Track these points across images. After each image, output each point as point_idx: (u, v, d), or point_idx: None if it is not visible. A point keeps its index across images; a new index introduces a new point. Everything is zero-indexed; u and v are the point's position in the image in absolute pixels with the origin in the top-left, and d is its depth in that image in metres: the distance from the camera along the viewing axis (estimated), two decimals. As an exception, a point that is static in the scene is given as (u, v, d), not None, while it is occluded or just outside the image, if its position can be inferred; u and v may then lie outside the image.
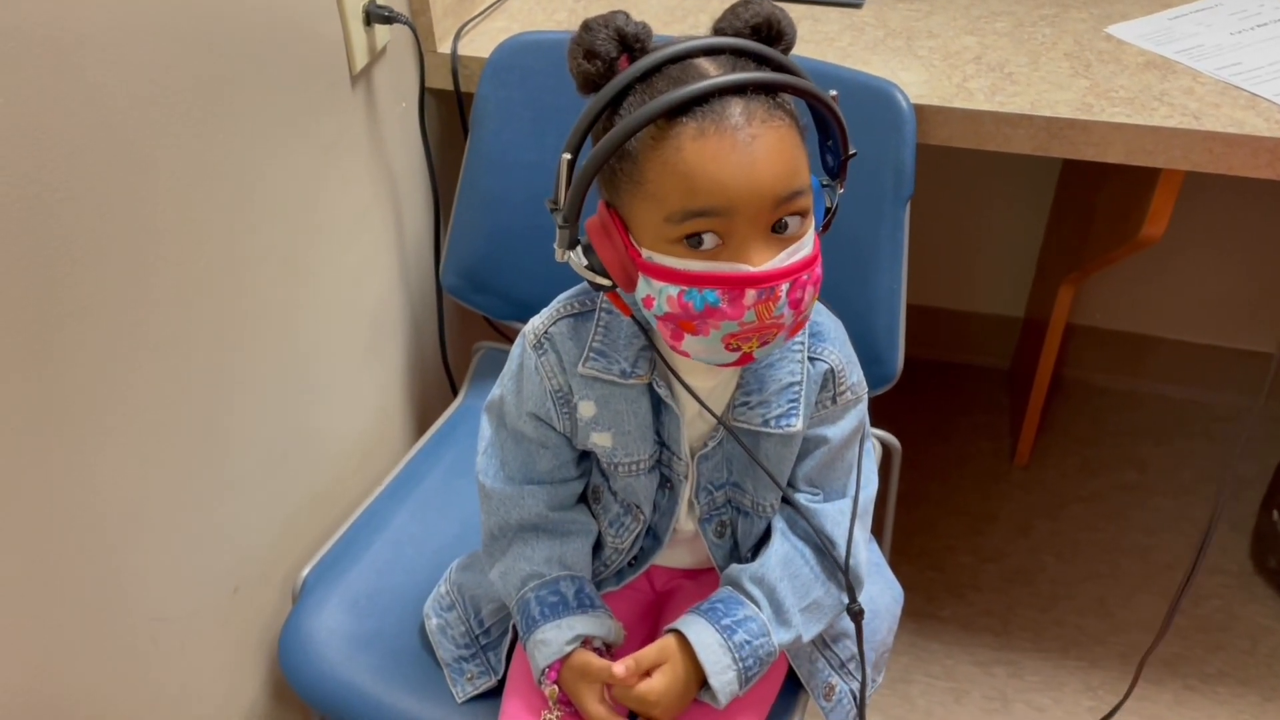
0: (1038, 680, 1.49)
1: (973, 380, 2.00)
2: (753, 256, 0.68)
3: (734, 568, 0.85)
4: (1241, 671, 1.49)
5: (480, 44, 1.23)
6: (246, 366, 0.98)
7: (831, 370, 0.82)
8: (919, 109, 1.09)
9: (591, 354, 0.81)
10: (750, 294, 0.68)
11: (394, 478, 1.17)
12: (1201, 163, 1.07)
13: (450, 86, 1.24)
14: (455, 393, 1.34)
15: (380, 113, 1.16)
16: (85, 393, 0.79)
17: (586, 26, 0.70)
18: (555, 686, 0.83)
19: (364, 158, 1.14)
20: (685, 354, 0.73)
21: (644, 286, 0.71)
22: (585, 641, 0.83)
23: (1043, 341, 1.66)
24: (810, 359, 0.82)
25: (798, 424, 0.81)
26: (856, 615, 0.84)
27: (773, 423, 0.81)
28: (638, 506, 0.86)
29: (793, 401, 0.81)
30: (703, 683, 0.81)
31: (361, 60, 1.09)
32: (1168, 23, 1.24)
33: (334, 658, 0.98)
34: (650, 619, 0.95)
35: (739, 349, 0.71)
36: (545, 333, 0.82)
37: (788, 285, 0.69)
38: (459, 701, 0.93)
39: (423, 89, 1.23)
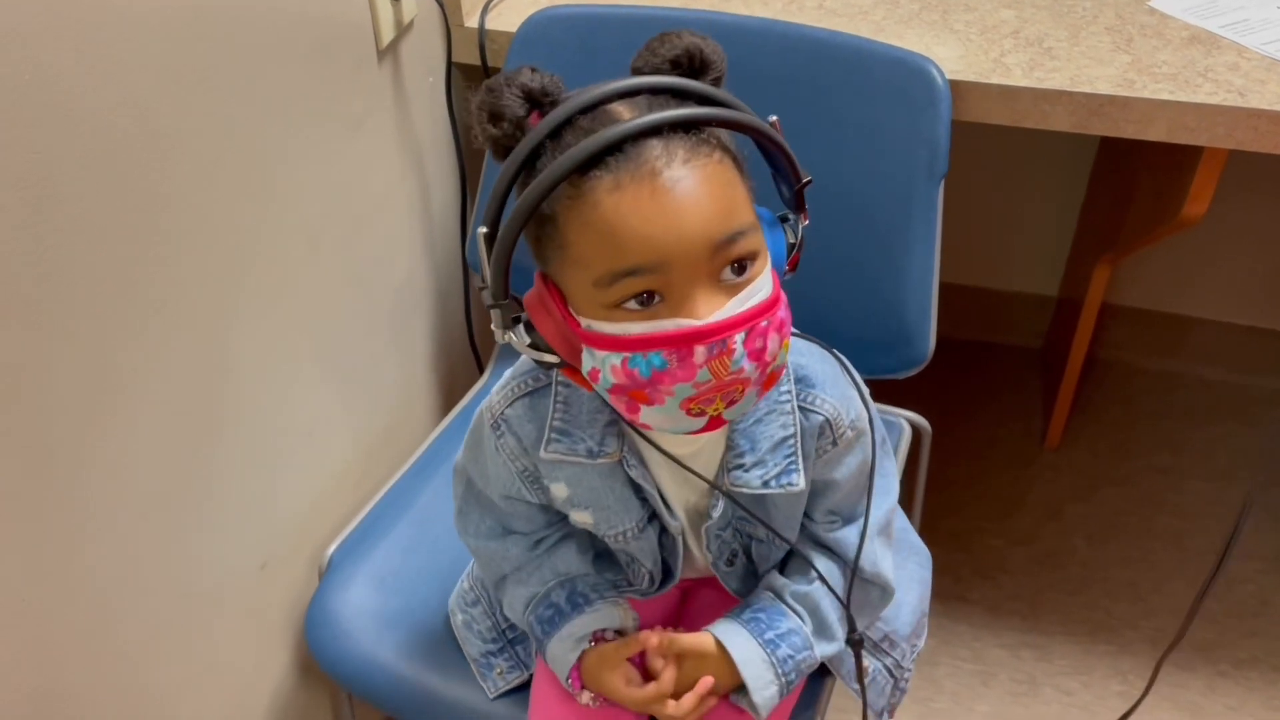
0: (1066, 664, 1.47)
1: (1004, 360, 1.97)
2: (698, 308, 0.61)
3: (775, 579, 0.82)
4: (1275, 658, 1.47)
5: (508, 18, 1.22)
6: (271, 344, 0.98)
7: (828, 421, 0.76)
8: (954, 85, 1.07)
9: (553, 435, 0.75)
10: (700, 350, 0.61)
11: (420, 455, 1.17)
12: (1246, 141, 1.04)
13: (478, 61, 1.22)
14: (481, 370, 1.33)
15: (407, 88, 1.15)
16: (109, 372, 0.79)
17: (488, 88, 0.64)
18: (584, 691, 0.82)
19: (390, 134, 1.13)
20: (647, 426, 0.67)
21: (588, 359, 0.65)
22: (595, 637, 0.81)
23: (1077, 321, 1.63)
24: (802, 409, 0.75)
25: (800, 481, 0.75)
26: (856, 645, 0.81)
27: (773, 483, 0.75)
28: (639, 560, 0.84)
29: (790, 457, 0.75)
30: (737, 687, 0.79)
31: (388, 35, 1.08)
32: (1213, -5, 1.21)
33: (360, 635, 0.98)
34: (674, 611, 0.93)
35: (703, 413, 0.64)
36: (501, 414, 0.77)
37: (743, 335, 0.62)
38: (490, 697, 0.92)
39: (450, 64, 1.22)
